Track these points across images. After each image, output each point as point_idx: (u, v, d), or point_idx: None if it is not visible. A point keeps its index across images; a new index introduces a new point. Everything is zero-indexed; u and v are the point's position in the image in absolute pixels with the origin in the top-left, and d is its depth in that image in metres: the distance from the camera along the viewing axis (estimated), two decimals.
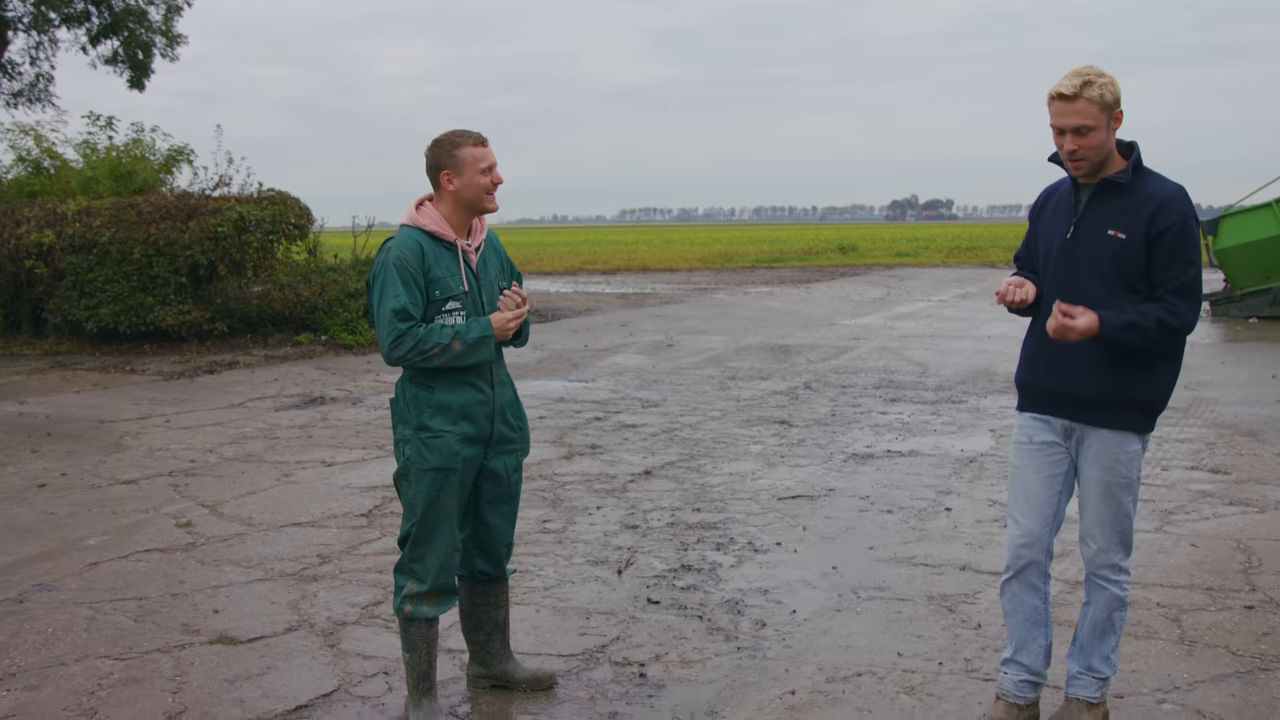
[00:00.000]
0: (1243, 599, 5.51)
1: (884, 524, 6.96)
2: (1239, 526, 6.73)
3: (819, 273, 36.33)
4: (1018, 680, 4.06)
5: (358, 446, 9.38)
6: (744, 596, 5.66)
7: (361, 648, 4.99)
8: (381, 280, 4.07)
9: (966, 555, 6.28)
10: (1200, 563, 6.04)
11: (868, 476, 8.22)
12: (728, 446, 9.31)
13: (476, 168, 4.12)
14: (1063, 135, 3.80)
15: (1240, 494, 7.52)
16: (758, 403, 11.51)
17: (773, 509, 7.32)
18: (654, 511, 7.26)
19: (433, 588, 4.16)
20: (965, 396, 11.79)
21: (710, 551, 6.40)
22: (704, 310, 22.45)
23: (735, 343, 16.75)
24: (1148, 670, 4.64)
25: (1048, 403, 3.96)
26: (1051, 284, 3.88)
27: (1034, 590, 4.04)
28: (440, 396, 4.11)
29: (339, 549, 6.46)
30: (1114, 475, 3.87)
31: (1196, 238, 3.75)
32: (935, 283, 30.91)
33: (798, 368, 14.13)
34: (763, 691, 4.52)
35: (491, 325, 4.11)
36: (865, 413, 10.89)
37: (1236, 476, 8.01)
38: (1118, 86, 3.75)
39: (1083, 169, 3.83)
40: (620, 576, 5.96)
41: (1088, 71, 3.73)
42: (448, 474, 4.11)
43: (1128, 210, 3.76)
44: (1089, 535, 3.96)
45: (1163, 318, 3.68)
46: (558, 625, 5.26)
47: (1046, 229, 4.00)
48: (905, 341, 16.80)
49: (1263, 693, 4.45)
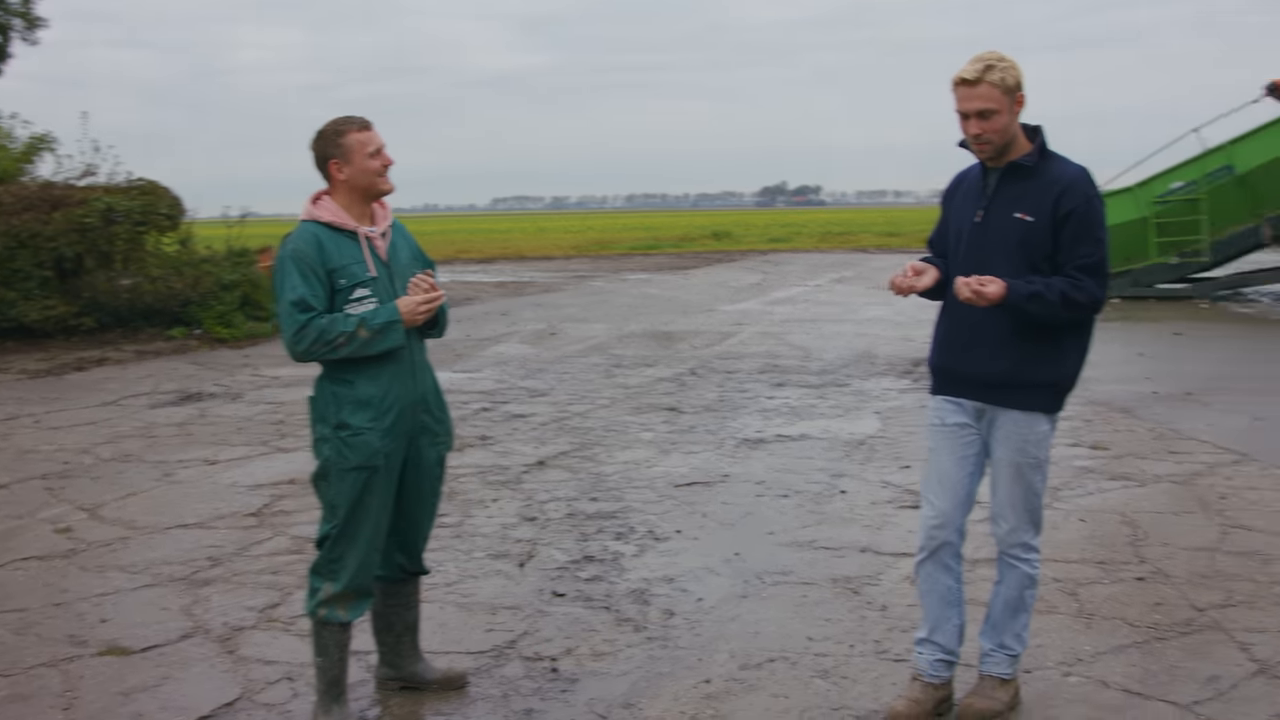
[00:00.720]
0: (1133, 571, 5.65)
1: (781, 508, 6.99)
2: (1123, 500, 6.92)
3: (695, 259, 36.52)
4: (933, 660, 4.10)
5: (241, 443, 9.10)
6: (649, 586, 5.62)
7: (262, 653, 4.82)
8: (280, 275, 3.94)
9: (865, 537, 6.34)
10: (1090, 537, 6.18)
11: (761, 461, 8.26)
12: (619, 434, 9.27)
13: (364, 152, 4.01)
14: (967, 119, 3.84)
15: (1120, 469, 7.73)
16: (645, 390, 11.49)
17: (670, 496, 7.31)
18: (551, 502, 7.18)
19: (348, 588, 4.03)
20: (849, 380, 11.93)
21: (611, 541, 6.36)
22: (584, 298, 22.39)
23: (618, 330, 16.73)
24: (1051, 644, 4.72)
25: (959, 385, 4.00)
26: (962, 266, 3.91)
27: (947, 570, 4.09)
28: (361, 391, 3.98)
29: (230, 550, 6.25)
30: (1024, 456, 3.93)
31: (1102, 218, 3.83)
32: (810, 268, 31.31)
33: (682, 354, 14.15)
34: (678, 681, 4.49)
35: (399, 310, 3.99)
36: (753, 398, 10.94)
37: (1115, 452, 8.23)
38: (1019, 71, 3.80)
39: (987, 152, 3.88)
40: (523, 570, 5.88)
41: (989, 57, 3.78)
42: (371, 472, 3.99)
43: (1034, 193, 3.82)
44: (1000, 515, 4.02)
45: (1067, 291, 3.74)
46: (464, 622, 5.16)
47: (957, 213, 4.04)
48: (786, 326, 16.95)
49: (1161, 661, 4.57)
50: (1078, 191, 3.78)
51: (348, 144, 3.97)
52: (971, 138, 3.86)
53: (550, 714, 4.24)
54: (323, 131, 4.01)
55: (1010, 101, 3.80)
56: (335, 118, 4.04)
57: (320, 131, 4.02)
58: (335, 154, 3.98)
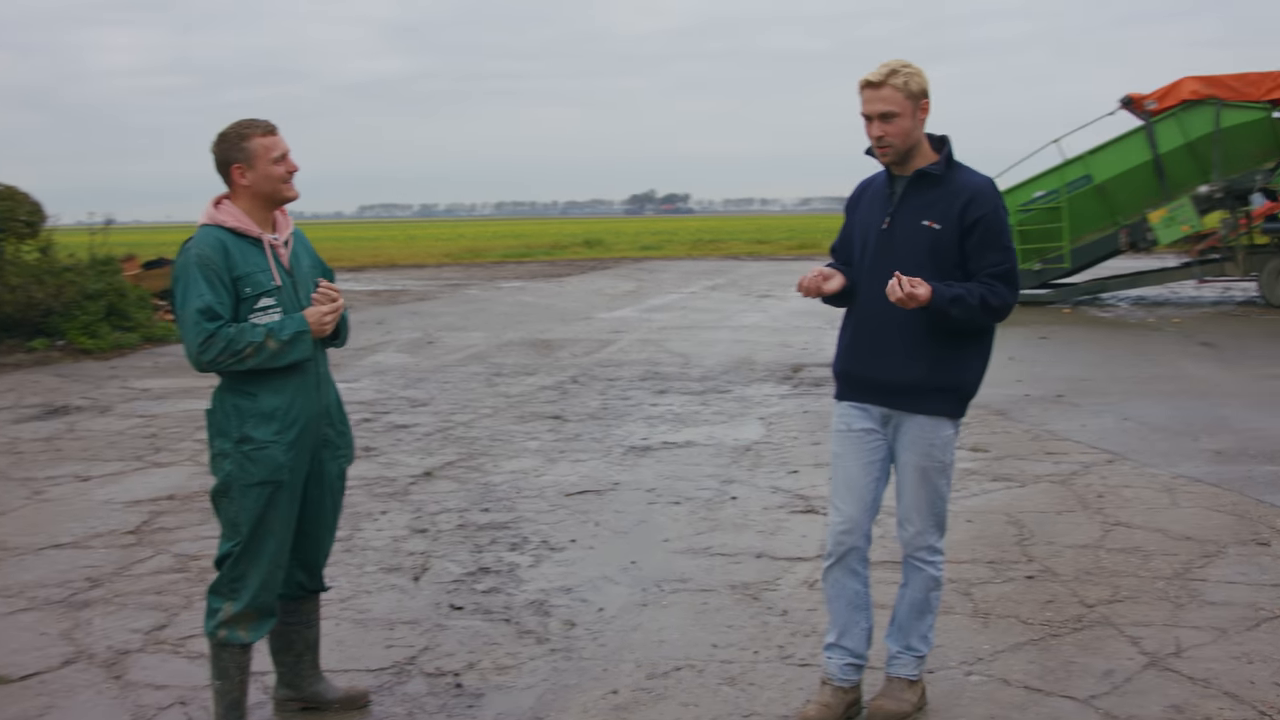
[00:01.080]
0: (1023, 570, 5.78)
1: (674, 515, 6.99)
2: (1006, 501, 7.08)
3: (569, 267, 36.47)
4: (842, 664, 4.12)
5: (114, 458, 8.78)
6: (548, 597, 5.56)
7: (151, 677, 4.64)
8: (184, 282, 3.78)
9: (760, 543, 6.37)
10: (978, 537, 6.31)
11: (649, 469, 8.25)
12: (505, 444, 9.18)
13: (269, 157, 3.89)
14: (870, 122, 3.89)
15: (1001, 470, 7.92)
16: (528, 398, 11.41)
17: (562, 505, 7.25)
18: (441, 514, 7.07)
19: (250, 608, 3.89)
20: (730, 386, 12.01)
21: (506, 552, 6.28)
22: (460, 306, 22.17)
23: (496, 339, 16.59)
24: (951, 644, 4.80)
25: (866, 391, 4.03)
26: (871, 273, 3.95)
27: (855, 575, 4.12)
28: (264, 403, 3.85)
29: (109, 570, 6.01)
30: (930, 460, 3.98)
31: (1008, 226, 3.90)
32: (684, 275, 31.48)
33: (562, 362, 14.10)
34: (585, 693, 4.44)
35: (307, 321, 3.88)
36: (636, 405, 10.94)
37: (995, 454, 8.43)
38: (924, 79, 3.86)
39: (888, 155, 3.92)
40: (418, 583, 5.77)
41: (895, 63, 3.84)
42: (275, 488, 3.86)
43: (941, 201, 3.87)
44: (907, 519, 4.06)
45: (985, 296, 3.82)
46: (361, 639, 5.04)
47: (864, 220, 4.07)
48: (664, 333, 17.00)
49: (1056, 657, 4.67)
50: (985, 201, 3.85)
51: (252, 148, 3.84)
52: (874, 140, 3.90)
53: None
54: (225, 134, 3.88)
55: (913, 107, 3.85)
56: (238, 120, 3.90)
57: (223, 134, 3.88)
58: (238, 158, 3.85)
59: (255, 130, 3.86)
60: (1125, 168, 19.43)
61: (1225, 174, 18.83)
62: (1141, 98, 19.34)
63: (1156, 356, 13.56)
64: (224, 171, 3.90)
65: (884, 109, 3.84)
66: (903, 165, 3.95)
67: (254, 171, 3.87)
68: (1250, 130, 18.70)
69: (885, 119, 3.85)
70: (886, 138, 3.87)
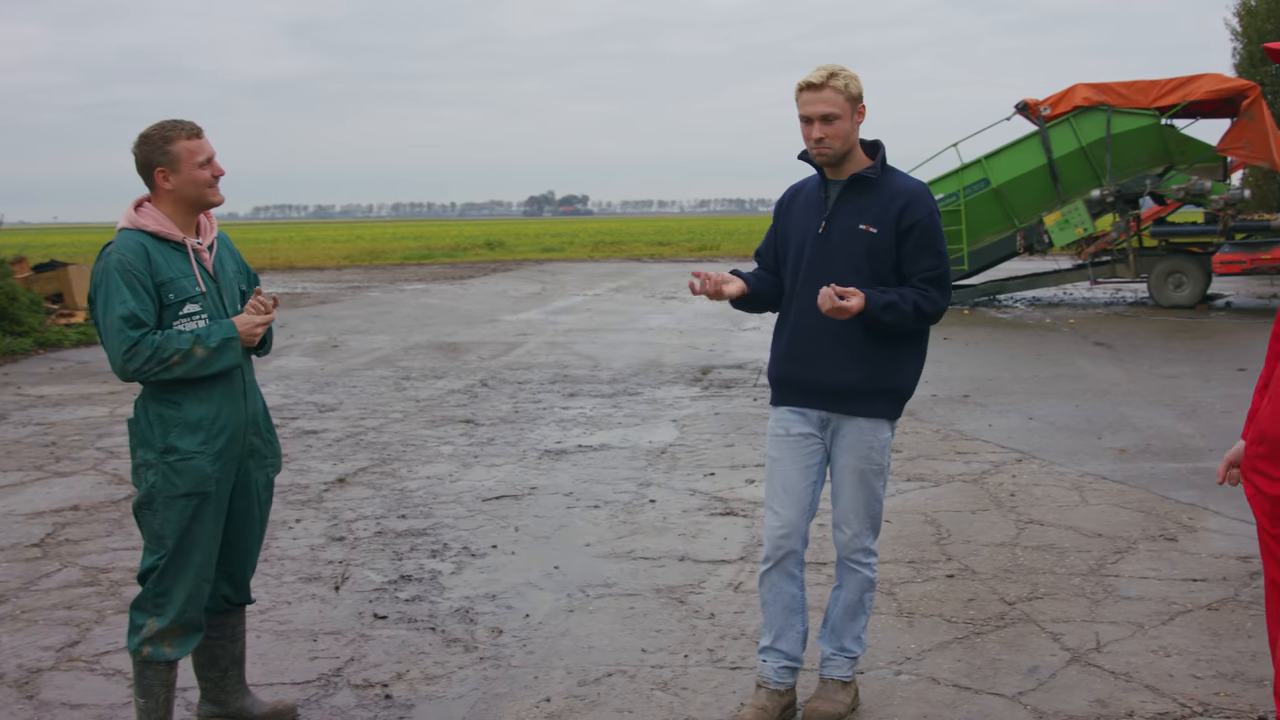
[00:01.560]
0: (943, 569, 5.86)
1: (594, 519, 6.96)
2: (922, 501, 7.18)
3: (471, 269, 36.22)
4: (777, 667, 4.14)
5: (12, 468, 8.48)
6: (472, 604, 5.50)
7: (66, 696, 4.48)
8: (105, 288, 3.66)
9: (682, 546, 6.37)
10: (898, 537, 6.38)
11: (566, 473, 8.22)
12: (417, 449, 9.08)
13: (194, 161, 3.78)
14: (810, 124, 3.90)
15: (915, 470, 8.03)
16: (438, 402, 11.29)
17: (480, 511, 7.18)
18: (358, 521, 6.96)
19: (176, 623, 3.78)
20: (640, 388, 12.01)
21: (427, 559, 6.20)
22: (363, 309, 21.88)
23: (402, 342, 16.40)
24: (879, 644, 4.84)
25: (804, 395, 4.04)
26: (807, 278, 3.97)
27: (792, 579, 4.13)
28: (190, 413, 3.74)
29: (14, 586, 5.80)
30: (868, 462, 4.01)
31: (942, 231, 3.94)
32: (587, 277, 31.44)
33: (470, 365, 13.98)
34: (517, 702, 4.39)
35: (236, 329, 3.78)
36: (548, 408, 10.89)
37: (907, 454, 8.54)
38: (860, 84, 3.89)
39: (827, 157, 3.94)
40: (338, 593, 5.67)
41: (833, 66, 3.87)
42: (201, 499, 3.75)
43: (877, 205, 3.91)
44: (843, 521, 4.09)
45: (918, 302, 3.85)
46: (284, 651, 4.93)
47: (797, 225, 4.08)
48: (571, 336, 16.96)
49: (982, 655, 4.75)
50: (921, 205, 3.89)
51: (176, 151, 3.73)
52: (814, 142, 3.91)
53: None
54: (148, 136, 3.75)
55: (852, 110, 3.88)
56: (162, 122, 3.78)
57: (145, 135, 3.76)
58: (162, 161, 3.74)
59: (180, 132, 3.75)
60: (1021, 172, 19.86)
61: (1116, 178, 19.36)
62: (1036, 103, 19.79)
63: (1056, 356, 13.87)
64: (146, 174, 3.78)
65: (825, 110, 3.86)
66: (837, 169, 3.98)
67: (178, 175, 3.76)
68: (1140, 136, 19.24)
69: (826, 121, 3.87)
70: (826, 140, 3.89)
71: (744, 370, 13.19)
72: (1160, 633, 4.94)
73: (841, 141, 3.89)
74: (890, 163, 4.02)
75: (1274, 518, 2.98)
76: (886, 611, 5.25)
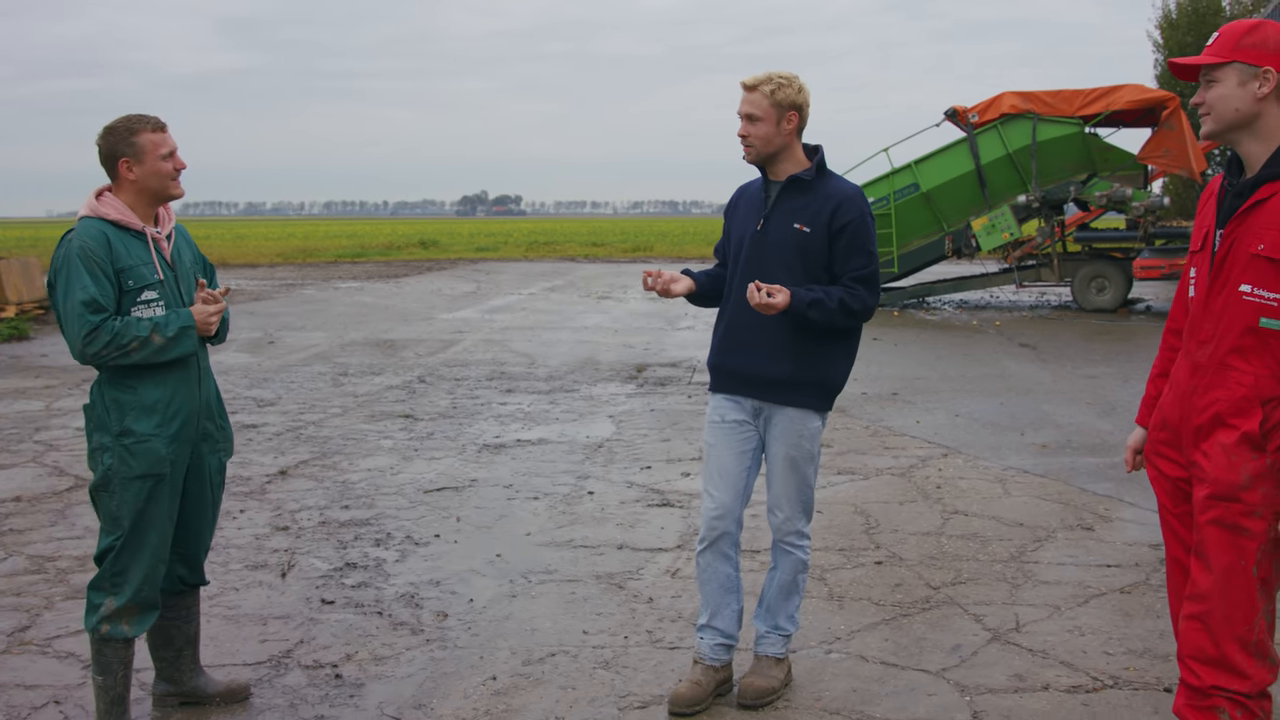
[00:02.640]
0: (871, 556, 6.10)
1: (534, 510, 7.13)
2: (852, 493, 7.43)
3: (405, 267, 36.15)
4: (713, 644, 4.33)
5: None
6: (417, 590, 5.65)
7: (19, 678, 4.56)
8: (66, 273, 3.78)
9: (620, 535, 6.56)
10: (829, 527, 6.62)
11: (505, 466, 8.37)
12: (358, 443, 9.18)
13: (158, 154, 3.92)
14: (741, 121, 4.14)
15: (845, 464, 8.28)
16: (376, 398, 11.38)
17: (421, 502, 7.32)
18: (301, 511, 7.07)
19: (133, 602, 3.90)
20: (576, 385, 12.18)
21: (371, 548, 6.33)
22: (298, 306, 21.83)
23: (338, 339, 16.43)
24: (811, 626, 5.06)
25: (739, 384, 4.25)
26: (744, 273, 4.18)
27: (726, 559, 4.33)
28: (145, 396, 3.87)
29: None
30: (799, 450, 4.22)
31: (873, 232, 4.17)
32: (522, 277, 31.55)
33: (408, 362, 14.07)
34: (464, 680, 4.56)
35: (193, 317, 3.92)
36: (485, 404, 11.03)
37: (837, 449, 8.79)
38: (798, 93, 4.10)
39: (749, 155, 4.20)
40: (285, 579, 5.79)
41: (775, 73, 4.12)
42: (156, 481, 3.88)
43: (812, 206, 4.12)
44: (776, 505, 4.30)
45: (845, 299, 4.07)
46: (234, 634, 5.05)
47: (740, 222, 4.30)
48: (507, 334, 17.08)
49: (908, 634, 4.99)
50: (853, 207, 4.12)
51: (141, 143, 3.86)
52: (739, 137, 4.16)
53: (343, 719, 4.23)
54: (114, 128, 3.89)
55: (778, 116, 4.10)
56: (127, 115, 3.92)
57: (111, 127, 3.89)
58: (127, 152, 3.86)
59: (145, 126, 3.89)
60: (949, 177, 20.29)
61: (1042, 184, 19.83)
62: (965, 111, 20.22)
63: (982, 357, 14.25)
64: (109, 164, 3.90)
65: (748, 111, 4.12)
66: (776, 170, 4.20)
67: (142, 166, 3.88)
68: (1064, 144, 19.73)
69: (749, 120, 4.13)
70: (749, 138, 4.15)
71: (678, 368, 13.41)
72: (1076, 614, 5.21)
73: (762, 142, 4.13)
74: (830, 167, 4.25)
75: (1175, 497, 3.22)
76: (817, 596, 5.47)
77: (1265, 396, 2.95)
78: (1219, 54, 3.00)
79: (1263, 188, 2.96)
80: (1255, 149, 3.00)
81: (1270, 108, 2.96)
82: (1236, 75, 2.97)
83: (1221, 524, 2.98)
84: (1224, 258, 3.02)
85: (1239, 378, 2.98)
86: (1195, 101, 3.13)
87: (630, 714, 4.25)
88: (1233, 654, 2.97)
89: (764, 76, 4.08)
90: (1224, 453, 2.98)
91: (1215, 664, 3.00)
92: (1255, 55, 2.95)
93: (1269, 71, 2.93)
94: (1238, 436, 2.96)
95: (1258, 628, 2.98)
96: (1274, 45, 2.94)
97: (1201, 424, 3.06)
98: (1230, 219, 3.02)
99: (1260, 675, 2.99)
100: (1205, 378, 3.06)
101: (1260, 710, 3.01)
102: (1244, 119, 2.99)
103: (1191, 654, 3.04)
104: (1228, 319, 3.01)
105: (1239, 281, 2.97)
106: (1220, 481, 2.98)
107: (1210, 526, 3.00)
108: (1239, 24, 3.03)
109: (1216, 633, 2.98)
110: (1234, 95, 2.98)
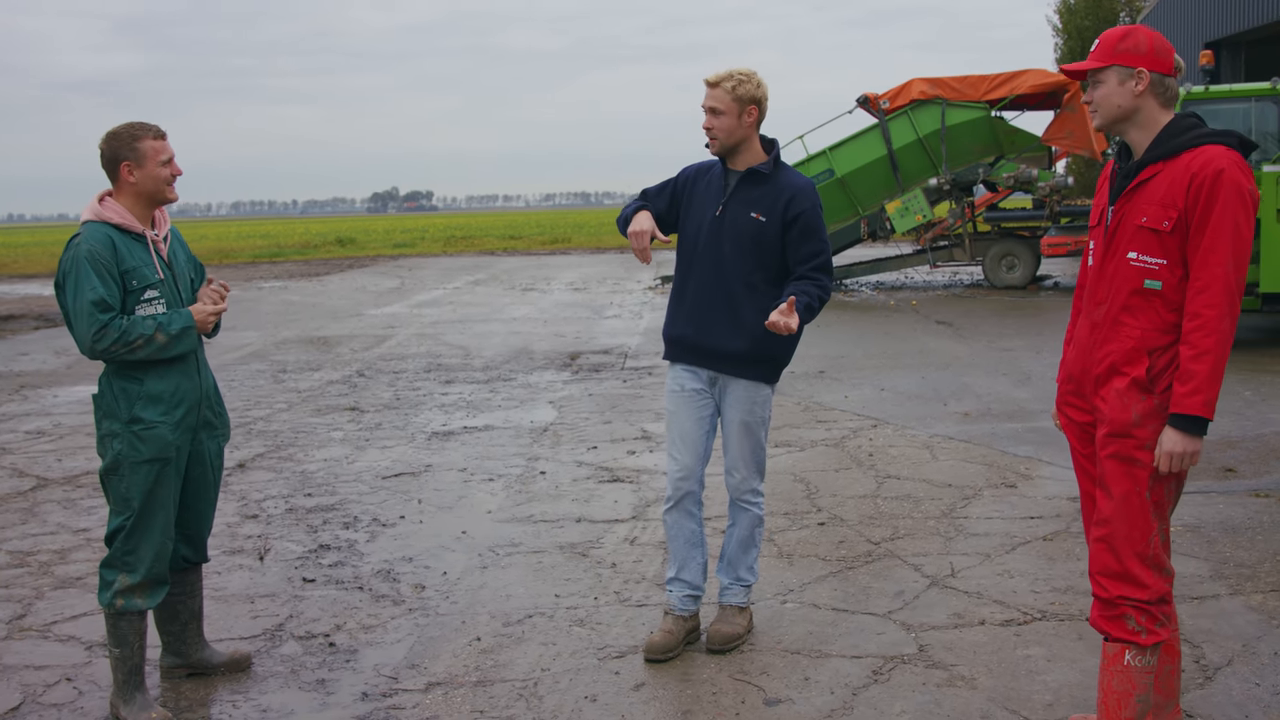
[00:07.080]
0: (815, 518, 6.55)
1: (492, 491, 7.47)
2: (791, 463, 7.88)
3: (325, 265, 36.13)
4: (682, 595, 4.74)
5: None
6: (393, 566, 5.98)
7: (28, 660, 4.83)
8: (75, 275, 4.08)
9: (577, 509, 6.94)
10: (772, 494, 7.04)
11: (457, 451, 8.69)
12: (309, 435, 9.44)
13: (157, 160, 4.22)
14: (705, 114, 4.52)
15: (782, 438, 8.73)
16: (319, 393, 11.62)
17: (382, 487, 7.63)
18: (267, 500, 7.34)
19: (146, 578, 4.20)
20: (513, 374, 12.51)
21: (341, 530, 6.64)
22: None
23: (271, 337, 16.58)
24: (765, 580, 5.48)
25: (697, 356, 4.64)
26: (702, 254, 4.57)
27: (690, 516, 4.74)
28: (151, 386, 4.18)
29: None
30: (752, 416, 4.63)
31: (823, 221, 4.57)
32: (444, 271, 31.72)
33: (344, 357, 14.29)
34: (451, 642, 4.91)
35: (193, 317, 4.24)
36: (427, 395, 11.32)
37: (774, 424, 9.22)
38: (757, 89, 4.49)
39: (713, 146, 4.58)
40: (264, 562, 6.08)
41: (737, 70, 4.50)
42: (164, 464, 4.19)
43: (767, 197, 4.52)
44: (734, 467, 4.71)
45: (820, 295, 4.48)
46: (226, 613, 5.34)
47: (698, 204, 4.63)
48: (438, 328, 17.34)
49: (855, 585, 5.43)
50: (805, 198, 4.52)
51: (143, 149, 4.17)
52: (704, 129, 4.54)
53: (343, 681, 4.56)
54: (117, 133, 4.19)
55: (739, 110, 4.48)
56: (130, 122, 4.22)
57: (114, 132, 4.19)
58: (129, 156, 4.17)
59: (147, 133, 4.19)
60: (864, 162, 20.86)
61: (952, 167, 20.52)
62: (876, 97, 20.81)
63: (902, 334, 14.83)
64: (111, 168, 4.20)
65: (712, 105, 4.50)
66: (735, 161, 4.59)
67: (142, 171, 4.19)
68: (972, 128, 20.40)
69: (713, 114, 4.51)
70: (713, 131, 4.53)
71: (611, 355, 13.80)
72: (1005, 560, 5.70)
73: (725, 134, 4.51)
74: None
75: (1083, 440, 3.69)
76: (769, 555, 5.90)
77: (1150, 347, 3.42)
78: (1100, 59, 3.48)
79: (1145, 169, 3.45)
80: (1138, 137, 3.50)
81: (1147, 102, 3.45)
82: (1116, 76, 3.46)
83: (1118, 457, 3.45)
84: (1115, 230, 3.50)
85: (1128, 332, 3.45)
86: (1084, 100, 3.63)
87: (609, 663, 4.64)
88: (1133, 567, 3.44)
89: (726, 73, 4.47)
90: (1118, 396, 3.45)
91: (1119, 577, 3.46)
92: (1130, 59, 3.44)
93: (1142, 72, 3.42)
94: (1128, 382, 3.44)
95: (1153, 544, 3.45)
96: (1145, 49, 3.44)
97: (1099, 373, 3.53)
98: (1119, 196, 3.50)
99: (1157, 584, 3.47)
100: (1101, 333, 3.53)
101: (1161, 614, 3.48)
102: (1126, 113, 3.47)
103: (1100, 570, 3.51)
104: (1118, 282, 3.48)
105: (1127, 249, 3.45)
106: (1116, 421, 3.45)
107: (1109, 460, 3.47)
108: (1114, 31, 3.53)
109: (1119, 550, 3.45)
110: (1116, 93, 3.46)
